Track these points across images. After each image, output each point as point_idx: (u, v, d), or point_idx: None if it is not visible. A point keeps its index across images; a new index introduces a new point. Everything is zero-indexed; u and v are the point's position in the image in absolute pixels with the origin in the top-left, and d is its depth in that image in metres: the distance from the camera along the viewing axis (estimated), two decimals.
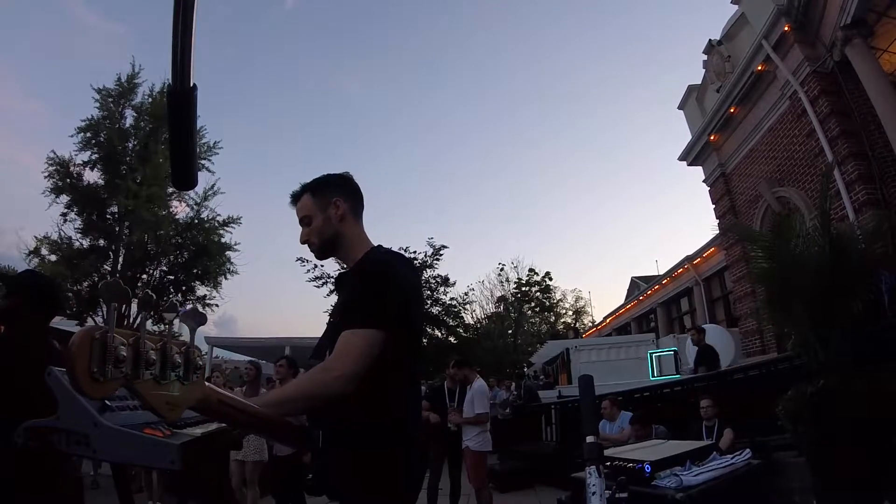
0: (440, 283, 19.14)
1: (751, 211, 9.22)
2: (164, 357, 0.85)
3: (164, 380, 0.86)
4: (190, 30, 0.83)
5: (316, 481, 1.24)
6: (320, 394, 1.17)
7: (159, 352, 0.85)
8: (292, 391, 1.22)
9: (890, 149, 6.15)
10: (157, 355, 0.84)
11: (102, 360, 0.74)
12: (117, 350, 0.76)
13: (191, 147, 1.00)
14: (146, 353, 0.81)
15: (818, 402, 3.14)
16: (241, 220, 16.46)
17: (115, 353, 0.75)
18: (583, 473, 1.41)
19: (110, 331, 0.76)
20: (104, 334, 0.75)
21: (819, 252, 3.57)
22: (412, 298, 1.37)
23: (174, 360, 0.87)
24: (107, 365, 0.74)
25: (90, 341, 0.74)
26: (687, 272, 14.40)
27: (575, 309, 29.15)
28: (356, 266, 1.42)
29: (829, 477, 3.15)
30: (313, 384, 1.20)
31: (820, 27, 7.03)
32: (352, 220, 1.46)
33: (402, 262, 1.46)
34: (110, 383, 0.77)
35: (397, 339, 1.25)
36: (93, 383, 0.74)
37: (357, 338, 1.20)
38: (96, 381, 0.74)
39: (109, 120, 14.85)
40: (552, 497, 5.07)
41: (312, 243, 1.46)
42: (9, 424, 0.98)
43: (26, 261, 14.07)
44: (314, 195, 1.45)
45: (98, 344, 0.74)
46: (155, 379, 0.84)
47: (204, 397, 0.97)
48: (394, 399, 1.29)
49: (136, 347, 0.80)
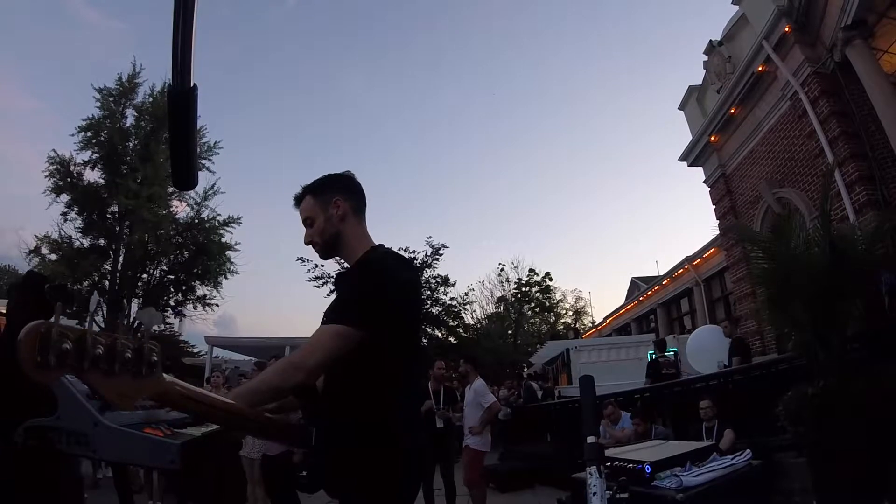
0: (440, 283, 19.16)
1: (751, 212, 9.21)
2: (111, 352, 0.90)
3: (113, 373, 0.90)
4: (190, 29, 0.83)
5: (309, 479, 1.24)
6: (283, 385, 1.20)
7: (107, 347, 0.89)
8: (257, 383, 1.23)
9: (890, 149, 6.15)
10: (104, 350, 0.88)
11: (45, 350, 0.81)
12: (61, 343, 0.83)
13: (191, 147, 1.01)
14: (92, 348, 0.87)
15: (818, 402, 3.14)
16: (242, 220, 16.50)
17: (59, 346, 0.82)
18: (583, 474, 1.41)
19: (55, 325, 0.82)
20: (49, 328, 0.82)
21: (819, 253, 3.57)
22: (406, 298, 1.36)
23: (124, 355, 0.92)
24: (49, 355, 0.81)
25: (35, 334, 0.81)
26: (687, 273, 14.39)
27: (575, 309, 29.12)
28: (353, 265, 1.43)
29: (829, 477, 3.15)
30: (277, 376, 1.22)
31: (820, 28, 7.03)
32: (353, 219, 1.46)
33: (399, 261, 1.46)
34: (54, 370, 0.83)
35: (387, 338, 1.25)
36: (36, 370, 0.81)
37: (327, 333, 1.22)
38: (40, 368, 0.81)
39: (110, 119, 14.87)
40: (552, 497, 5.07)
41: (316, 244, 1.46)
42: (9, 424, 0.98)
43: (26, 260, 14.13)
44: (315, 196, 1.46)
45: (42, 337, 0.81)
46: (103, 371, 0.88)
47: (163, 391, 0.99)
48: (389, 398, 1.29)
49: (80, 343, 0.85)
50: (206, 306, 16.47)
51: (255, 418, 1.17)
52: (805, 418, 3.23)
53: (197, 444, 1.05)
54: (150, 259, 15.55)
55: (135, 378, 0.93)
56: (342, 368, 1.25)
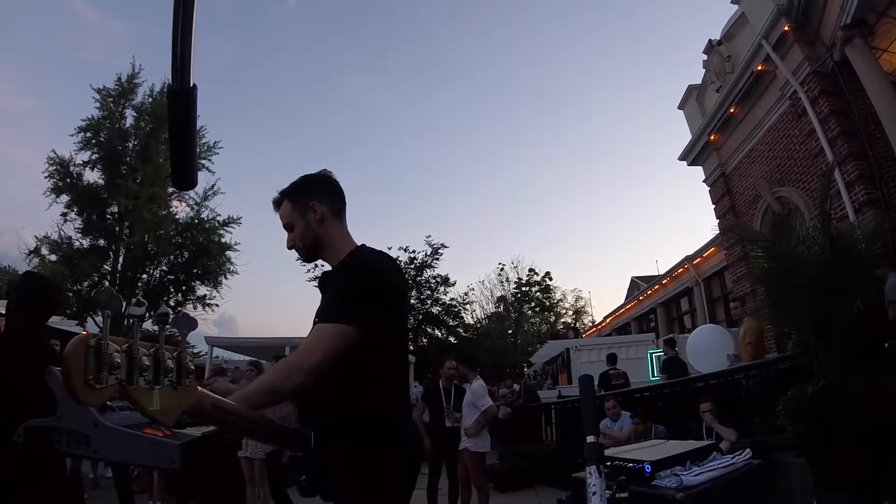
0: (440, 283, 19.19)
1: (751, 211, 9.21)
2: (156, 362, 0.86)
3: (158, 385, 0.86)
4: (190, 29, 0.83)
5: (309, 482, 1.24)
6: (284, 387, 1.18)
7: (152, 357, 0.85)
8: (258, 385, 1.23)
9: (890, 149, 6.15)
10: (150, 361, 0.84)
11: (98, 367, 0.74)
12: (112, 357, 0.76)
13: (191, 147, 1.01)
14: (139, 360, 0.81)
15: (818, 402, 3.14)
16: (241, 220, 16.47)
17: (110, 361, 0.75)
18: (583, 473, 1.41)
19: (104, 338, 0.76)
20: (98, 342, 0.75)
21: (819, 252, 3.57)
22: (393, 296, 1.36)
23: (167, 366, 0.88)
24: (102, 372, 0.75)
25: (84, 349, 0.74)
26: (687, 272, 14.40)
27: (575, 309, 29.17)
28: (338, 265, 1.43)
29: (829, 477, 3.15)
30: (277, 377, 1.21)
31: (820, 27, 7.02)
32: (332, 221, 1.46)
33: (384, 259, 1.45)
34: (106, 390, 0.77)
35: (379, 336, 1.25)
36: (88, 391, 0.74)
37: (325, 332, 1.21)
38: (92, 388, 0.74)
39: (109, 120, 14.85)
40: (552, 497, 5.07)
41: (298, 248, 1.47)
42: (9, 424, 0.98)
43: (26, 261, 14.09)
44: (292, 201, 1.46)
45: (93, 352, 0.75)
46: (148, 384, 0.84)
47: (198, 402, 0.97)
48: (383, 397, 1.29)
49: (129, 354, 0.80)
50: (206, 306, 16.45)
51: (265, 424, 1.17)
52: (805, 418, 3.23)
53: (197, 444, 1.04)
54: (150, 259, 15.53)
55: (175, 390, 0.90)
56: (335, 368, 1.25)
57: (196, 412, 0.99)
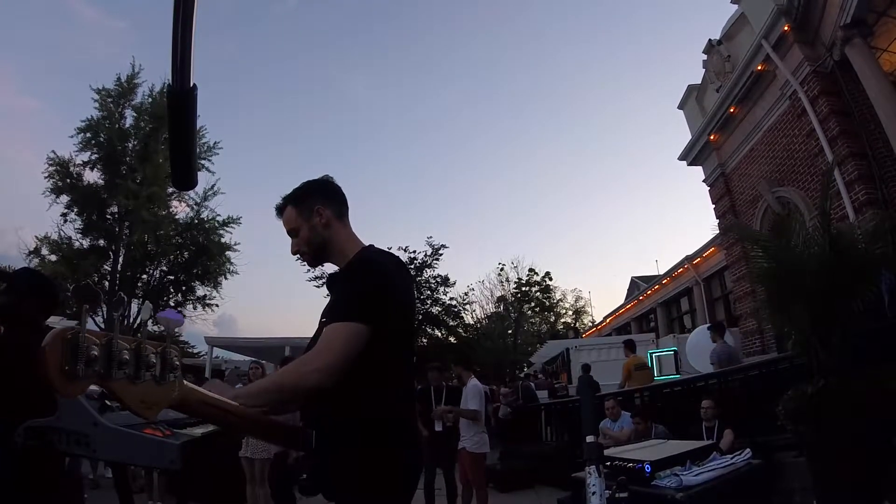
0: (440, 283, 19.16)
1: (751, 211, 9.21)
2: (137, 357, 0.86)
3: (139, 379, 0.86)
4: (190, 29, 0.83)
5: (311, 481, 1.24)
6: (296, 386, 1.17)
7: (133, 352, 0.85)
8: (268, 383, 1.22)
9: (890, 149, 6.15)
10: (131, 355, 0.84)
11: (74, 359, 0.76)
12: (89, 350, 0.77)
13: (191, 147, 1.01)
14: (119, 354, 0.82)
15: (818, 402, 3.13)
16: (241, 220, 16.51)
17: (87, 353, 0.77)
18: (583, 473, 1.41)
19: (82, 331, 0.77)
20: (76, 334, 0.77)
21: (819, 252, 3.56)
22: (400, 296, 1.36)
23: (148, 361, 0.88)
24: (78, 364, 0.76)
25: (62, 342, 0.75)
26: (687, 272, 14.39)
27: (575, 309, 29.16)
28: (346, 266, 1.43)
29: (829, 477, 3.15)
30: (290, 377, 1.20)
31: (820, 27, 7.03)
32: (337, 224, 1.46)
33: (391, 260, 1.45)
34: (82, 382, 0.78)
35: (386, 335, 1.25)
36: (65, 381, 0.75)
37: (338, 331, 1.20)
38: (68, 379, 0.75)
39: (109, 120, 14.87)
40: (552, 497, 5.07)
41: (304, 253, 1.47)
42: (9, 424, 0.98)
43: (26, 261, 14.13)
44: (296, 206, 1.46)
45: (69, 343, 0.76)
46: (129, 378, 0.84)
47: (183, 397, 0.97)
48: (387, 397, 1.29)
49: (108, 348, 0.81)
50: (206, 307, 16.49)
51: (262, 422, 1.16)
52: (805, 418, 3.23)
53: (197, 444, 1.04)
54: (150, 259, 15.55)
55: (158, 385, 0.90)
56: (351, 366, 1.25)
57: (182, 408, 0.99)
